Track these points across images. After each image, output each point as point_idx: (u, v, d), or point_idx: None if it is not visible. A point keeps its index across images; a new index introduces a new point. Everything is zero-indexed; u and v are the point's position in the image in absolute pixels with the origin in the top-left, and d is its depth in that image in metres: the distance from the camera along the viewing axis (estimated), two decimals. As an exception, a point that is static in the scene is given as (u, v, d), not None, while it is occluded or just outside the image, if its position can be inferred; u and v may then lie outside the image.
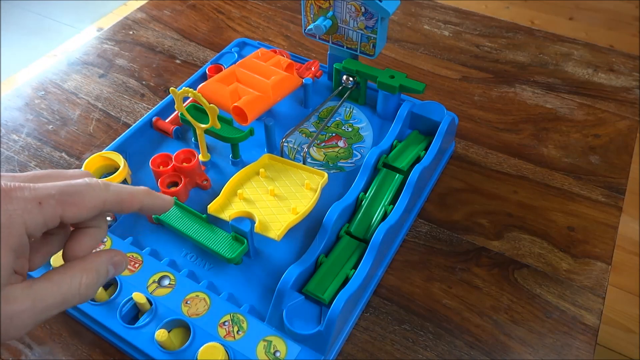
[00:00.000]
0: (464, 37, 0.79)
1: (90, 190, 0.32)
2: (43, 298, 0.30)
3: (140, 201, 0.35)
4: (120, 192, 0.34)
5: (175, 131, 0.60)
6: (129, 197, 0.34)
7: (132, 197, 0.34)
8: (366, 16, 0.56)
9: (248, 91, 0.57)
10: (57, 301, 0.31)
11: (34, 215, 0.29)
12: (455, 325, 0.47)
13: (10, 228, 0.29)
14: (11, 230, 0.29)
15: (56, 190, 0.31)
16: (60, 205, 0.30)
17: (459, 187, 0.58)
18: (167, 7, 0.85)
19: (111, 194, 0.33)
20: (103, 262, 0.34)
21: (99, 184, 0.33)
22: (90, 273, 0.32)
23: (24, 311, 0.29)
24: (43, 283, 0.31)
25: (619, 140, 0.64)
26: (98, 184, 0.33)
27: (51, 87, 0.71)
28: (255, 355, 0.42)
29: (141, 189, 0.35)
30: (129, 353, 0.44)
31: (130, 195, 0.34)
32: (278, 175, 0.53)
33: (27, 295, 0.29)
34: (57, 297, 0.31)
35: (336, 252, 0.48)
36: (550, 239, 0.54)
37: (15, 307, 0.29)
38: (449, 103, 0.68)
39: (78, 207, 0.31)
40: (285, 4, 0.85)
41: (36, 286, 0.30)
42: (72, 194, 0.31)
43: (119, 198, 0.33)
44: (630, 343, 1.14)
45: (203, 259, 0.50)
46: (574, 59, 0.75)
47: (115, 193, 0.33)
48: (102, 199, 0.32)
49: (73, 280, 0.31)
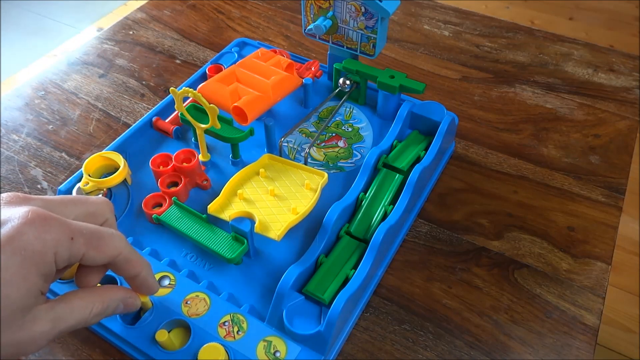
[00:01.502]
0: (464, 37, 0.79)
1: (114, 240, 0.35)
2: (61, 321, 0.32)
3: (141, 269, 0.37)
4: (133, 252, 0.36)
5: (175, 131, 0.60)
6: (137, 260, 0.37)
7: (138, 262, 0.37)
8: (366, 16, 0.56)
9: (248, 91, 0.57)
10: (70, 325, 0.33)
11: (64, 249, 0.31)
12: (455, 325, 0.47)
13: (44, 256, 0.31)
14: (45, 257, 0.31)
15: (87, 230, 0.33)
16: (86, 245, 0.33)
17: (459, 187, 0.58)
18: (167, 7, 0.85)
19: (127, 250, 0.36)
20: (117, 299, 0.36)
21: (122, 237, 0.36)
22: (102, 304, 0.35)
23: (44, 332, 0.31)
24: (63, 306, 0.33)
25: (619, 140, 0.64)
26: (121, 236, 0.35)
27: (51, 87, 0.71)
28: (255, 355, 0.42)
29: (146, 261, 0.38)
30: (129, 353, 0.44)
31: (138, 260, 0.37)
32: (278, 175, 0.53)
33: (48, 317, 0.32)
34: (71, 321, 0.33)
35: (336, 252, 0.48)
36: (550, 239, 0.54)
37: (37, 328, 0.31)
38: (449, 103, 0.68)
39: (99, 252, 0.33)
40: (285, 4, 0.85)
41: (57, 308, 0.32)
42: (99, 239, 0.34)
43: (130, 257, 0.36)
44: (630, 343, 1.14)
45: (203, 259, 0.50)
46: (574, 59, 0.75)
47: (130, 251, 0.36)
48: (119, 251, 0.35)
49: (87, 307, 0.34)
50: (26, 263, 0.30)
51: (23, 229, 0.30)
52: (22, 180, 0.59)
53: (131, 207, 0.53)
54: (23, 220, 0.31)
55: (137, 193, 0.54)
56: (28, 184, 0.59)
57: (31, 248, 0.30)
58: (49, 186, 0.59)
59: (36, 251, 0.30)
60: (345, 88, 0.61)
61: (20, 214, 0.31)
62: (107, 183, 0.51)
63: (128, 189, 0.55)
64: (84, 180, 0.52)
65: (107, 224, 0.38)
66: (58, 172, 0.60)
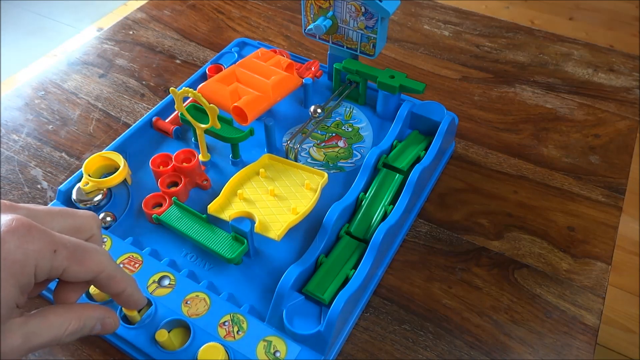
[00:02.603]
0: (464, 37, 0.79)
1: (98, 256, 0.33)
2: (34, 336, 0.31)
3: (125, 286, 0.36)
4: (117, 269, 0.35)
5: (175, 131, 0.60)
6: (120, 277, 0.35)
7: (122, 279, 0.36)
8: (366, 16, 0.56)
9: (248, 91, 0.57)
10: (43, 341, 0.32)
11: (46, 261, 0.30)
12: (455, 325, 0.47)
13: (24, 267, 0.30)
14: (24, 268, 0.30)
15: (71, 244, 0.32)
16: (68, 260, 0.31)
17: (459, 187, 0.58)
18: (167, 7, 0.85)
19: (111, 267, 0.34)
20: (94, 318, 0.35)
21: (107, 253, 0.35)
22: (79, 323, 0.34)
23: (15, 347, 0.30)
24: (38, 321, 0.31)
25: (619, 140, 0.64)
26: (106, 253, 0.35)
27: (51, 87, 0.71)
28: (255, 355, 0.42)
29: (131, 277, 0.37)
30: (129, 353, 0.44)
31: (122, 277, 0.36)
32: (278, 175, 0.53)
33: (21, 332, 0.30)
34: (45, 338, 0.32)
35: (336, 252, 0.48)
36: (550, 239, 0.54)
37: (8, 342, 0.30)
38: (449, 103, 0.68)
39: (82, 268, 0.32)
40: (285, 4, 0.85)
41: (31, 323, 0.31)
42: (83, 253, 0.32)
43: (114, 274, 0.35)
44: (630, 343, 1.14)
45: (203, 259, 0.50)
46: (574, 59, 0.75)
47: (114, 268, 0.35)
48: (103, 267, 0.34)
49: (62, 324, 0.33)
50: (4, 272, 0.29)
51: (5, 237, 0.29)
52: (22, 180, 0.59)
53: (131, 207, 0.53)
54: (6, 229, 0.30)
55: (137, 193, 0.54)
56: (28, 184, 0.59)
57: (11, 257, 0.29)
58: (49, 186, 0.59)
59: (16, 261, 0.29)
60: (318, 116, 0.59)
61: (4, 221, 0.30)
62: (107, 183, 0.51)
63: (128, 189, 0.55)
64: (84, 180, 0.52)
65: (92, 239, 0.36)
66: (58, 172, 0.60)
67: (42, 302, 0.48)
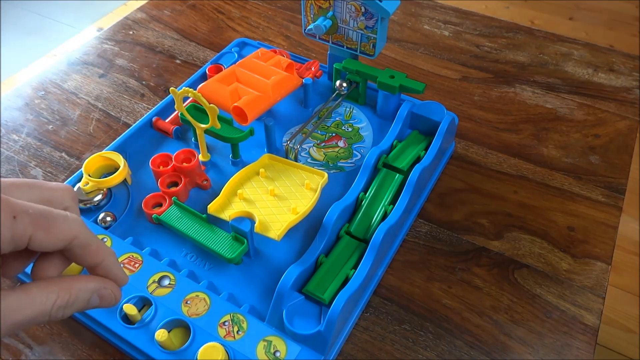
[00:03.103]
0: (464, 37, 0.79)
1: (66, 222, 0.31)
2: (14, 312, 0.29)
3: (103, 257, 0.33)
4: (92, 238, 0.32)
5: (175, 131, 0.60)
6: (96, 247, 0.33)
7: (99, 249, 0.33)
8: (366, 16, 0.56)
9: (248, 91, 0.57)
10: (27, 317, 0.29)
11: (6, 229, 0.28)
12: (455, 325, 0.47)
13: None
14: None
15: (34, 210, 0.30)
16: (32, 226, 0.29)
17: (459, 187, 0.58)
18: (167, 7, 0.85)
19: (84, 235, 0.32)
20: (87, 290, 0.32)
21: (77, 219, 0.32)
22: (68, 296, 0.31)
23: None
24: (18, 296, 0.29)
25: (619, 140, 0.64)
26: (76, 219, 0.31)
27: (51, 87, 0.71)
28: (255, 355, 0.42)
29: (110, 249, 0.34)
30: (129, 353, 0.44)
31: (98, 247, 0.33)
32: (278, 175, 0.53)
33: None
34: (27, 313, 0.29)
35: (336, 252, 0.48)
36: (550, 239, 0.54)
37: None
38: (449, 103, 0.68)
39: (48, 235, 0.30)
40: (285, 4, 0.85)
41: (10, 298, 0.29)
42: (48, 219, 0.30)
43: (88, 242, 0.32)
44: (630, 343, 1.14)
45: (203, 259, 0.50)
46: (574, 59, 0.75)
47: (88, 236, 0.32)
48: (74, 234, 0.31)
49: (48, 298, 0.30)
50: None
51: None
52: (22, 180, 0.59)
53: (131, 207, 0.53)
54: None
55: (137, 193, 0.54)
56: (28, 184, 0.59)
57: None
58: (49, 186, 0.58)
59: None
60: (342, 90, 0.61)
61: None
62: (107, 183, 0.51)
63: (128, 189, 0.55)
64: (84, 180, 0.52)
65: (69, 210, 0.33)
66: (58, 172, 0.60)
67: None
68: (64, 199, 0.34)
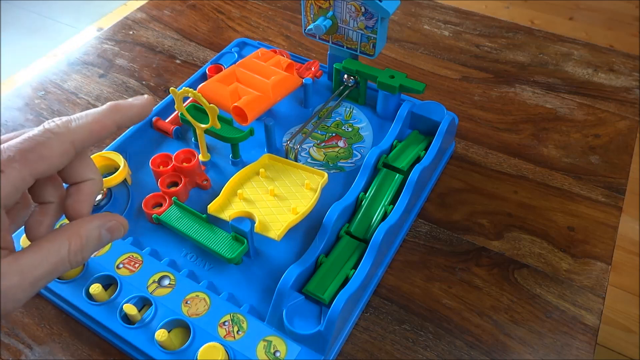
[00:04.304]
0: (464, 37, 0.79)
1: (52, 138, 0.29)
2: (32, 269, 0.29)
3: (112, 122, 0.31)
4: (84, 124, 0.30)
5: (175, 131, 0.60)
6: (96, 125, 0.31)
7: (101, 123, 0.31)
8: (366, 16, 0.56)
9: (248, 91, 0.57)
10: (46, 270, 0.29)
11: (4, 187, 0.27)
12: (455, 325, 0.47)
13: None
14: None
15: (15, 151, 0.28)
16: (24, 165, 0.28)
17: (459, 187, 0.58)
18: (167, 7, 0.85)
19: (76, 131, 0.30)
20: (93, 227, 0.32)
21: (59, 126, 0.30)
22: (80, 239, 0.31)
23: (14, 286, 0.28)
24: (30, 255, 0.29)
25: (619, 140, 0.64)
26: (57, 126, 0.30)
27: (51, 87, 0.71)
28: (255, 355, 0.42)
29: (105, 108, 0.32)
30: (129, 353, 0.44)
31: (97, 122, 0.31)
32: (278, 175, 0.53)
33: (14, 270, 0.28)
34: (46, 266, 0.29)
35: (336, 252, 0.48)
36: (550, 239, 0.54)
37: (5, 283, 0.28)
38: (449, 103, 0.68)
39: (45, 160, 0.29)
40: (285, 4, 0.85)
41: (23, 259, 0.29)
42: (34, 149, 0.28)
43: (86, 131, 0.30)
44: (630, 343, 1.14)
45: (203, 259, 0.50)
46: (574, 59, 0.75)
47: (80, 127, 0.30)
48: (69, 140, 0.30)
49: (61, 246, 0.30)
50: None
51: None
52: (22, 180, 0.59)
53: (131, 207, 0.53)
54: None
55: (137, 193, 0.54)
56: (28, 184, 0.59)
57: None
58: (49, 186, 0.58)
59: None
60: (349, 82, 0.62)
61: None
62: (107, 183, 0.51)
63: (128, 189, 0.55)
64: (84, 180, 0.52)
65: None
66: (58, 172, 0.60)
67: (42, 302, 0.48)
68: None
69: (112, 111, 0.32)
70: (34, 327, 0.47)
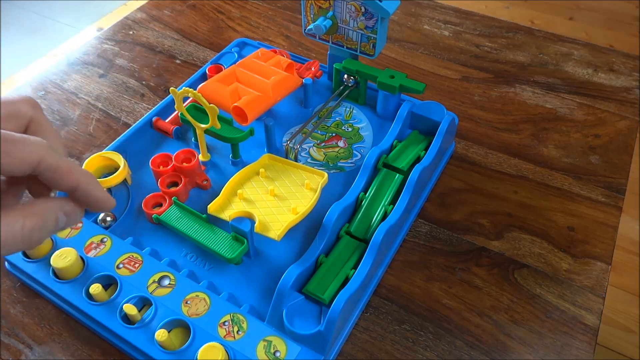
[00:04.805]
0: (464, 37, 0.79)
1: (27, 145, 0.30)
2: None
3: (77, 179, 0.32)
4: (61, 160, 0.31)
5: (175, 131, 0.60)
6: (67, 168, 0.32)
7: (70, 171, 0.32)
8: (366, 16, 0.56)
9: (248, 91, 0.57)
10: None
11: None
12: (455, 325, 0.47)
13: None
14: None
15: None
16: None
17: (459, 187, 0.58)
18: (167, 7, 0.85)
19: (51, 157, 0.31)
20: (52, 209, 0.32)
21: (40, 141, 0.31)
22: (36, 218, 0.31)
23: None
24: None
25: (619, 140, 0.64)
26: (38, 141, 0.31)
27: (51, 87, 0.71)
28: (255, 355, 0.42)
29: (85, 170, 0.33)
30: (129, 353, 0.44)
31: (69, 169, 0.32)
32: (278, 175, 0.53)
33: None
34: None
35: (336, 252, 0.48)
36: (550, 239, 0.54)
37: None
38: (449, 103, 0.68)
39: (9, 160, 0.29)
40: (285, 4, 0.85)
41: None
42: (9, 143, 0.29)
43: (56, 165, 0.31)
44: (630, 343, 1.14)
45: (203, 259, 0.50)
46: (574, 59, 0.75)
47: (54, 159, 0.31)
48: (38, 157, 0.30)
49: (15, 221, 0.30)
50: None
51: None
52: (22, 180, 0.59)
53: (131, 207, 0.53)
54: None
55: (137, 193, 0.54)
56: (28, 184, 0.59)
57: None
58: (49, 186, 0.58)
59: None
60: (349, 82, 0.62)
61: None
62: (107, 183, 0.51)
63: (128, 189, 0.55)
64: (84, 180, 0.52)
65: (33, 124, 0.33)
66: (58, 172, 0.60)
67: (42, 302, 0.48)
68: (25, 111, 0.33)
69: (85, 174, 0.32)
70: (34, 327, 0.47)
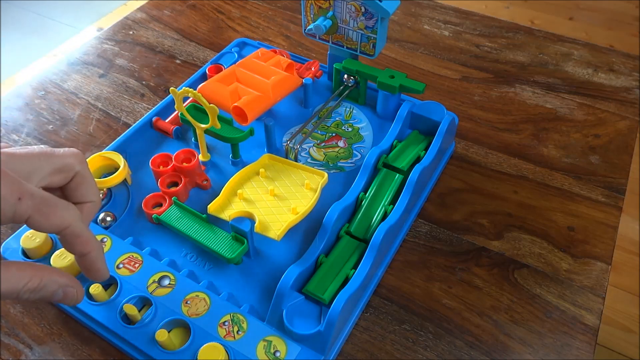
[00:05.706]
0: (464, 37, 0.79)
1: (64, 211, 0.34)
2: None
3: (91, 249, 0.36)
4: (84, 230, 0.35)
5: (175, 131, 0.60)
6: (87, 238, 0.36)
7: (88, 241, 0.36)
8: (366, 16, 0.56)
9: (248, 91, 0.57)
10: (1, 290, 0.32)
11: (8, 207, 0.31)
12: (455, 325, 0.47)
13: None
14: None
15: (39, 196, 0.32)
16: (33, 209, 0.32)
17: (459, 187, 0.58)
18: (167, 7, 0.85)
19: (77, 225, 0.35)
20: (56, 282, 0.35)
21: (74, 211, 0.34)
22: (39, 281, 0.34)
23: None
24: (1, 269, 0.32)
25: (619, 140, 0.64)
26: (72, 210, 0.34)
27: (51, 87, 0.71)
28: (255, 355, 0.42)
29: (99, 243, 0.37)
30: (129, 353, 0.44)
31: (88, 239, 0.36)
32: (278, 175, 0.53)
33: None
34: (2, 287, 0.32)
35: (336, 252, 0.48)
36: (550, 239, 0.54)
37: None
38: (449, 103, 0.68)
39: (45, 220, 0.33)
40: (285, 4, 0.85)
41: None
42: (49, 206, 0.33)
43: (79, 233, 0.35)
44: (630, 343, 1.14)
45: (203, 259, 0.50)
46: (574, 59, 0.75)
47: (80, 228, 0.35)
48: (68, 223, 0.34)
49: (22, 278, 0.33)
50: None
51: None
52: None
53: (131, 207, 0.53)
54: None
55: (137, 193, 0.54)
56: (28, 184, 0.59)
57: None
58: (49, 186, 0.58)
59: None
60: (349, 82, 0.62)
61: None
62: (107, 183, 0.51)
63: (128, 189, 0.55)
64: (84, 180, 0.52)
65: (78, 176, 0.37)
66: (58, 172, 0.60)
67: (42, 302, 0.48)
68: (73, 165, 0.37)
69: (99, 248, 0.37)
70: (34, 327, 0.47)
